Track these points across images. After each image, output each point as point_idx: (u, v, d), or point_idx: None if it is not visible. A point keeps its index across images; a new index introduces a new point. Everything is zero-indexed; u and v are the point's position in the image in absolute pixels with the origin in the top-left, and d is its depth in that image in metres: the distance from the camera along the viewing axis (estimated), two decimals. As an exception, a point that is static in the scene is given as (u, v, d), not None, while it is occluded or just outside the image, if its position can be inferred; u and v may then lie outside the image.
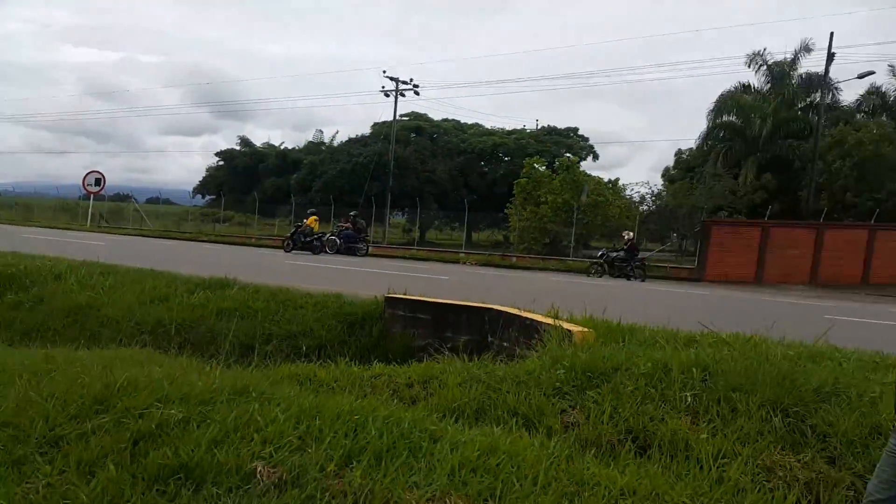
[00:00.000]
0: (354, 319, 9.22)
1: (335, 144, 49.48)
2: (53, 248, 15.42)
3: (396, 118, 38.97)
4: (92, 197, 38.84)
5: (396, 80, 36.61)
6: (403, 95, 37.16)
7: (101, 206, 43.48)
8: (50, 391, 3.69)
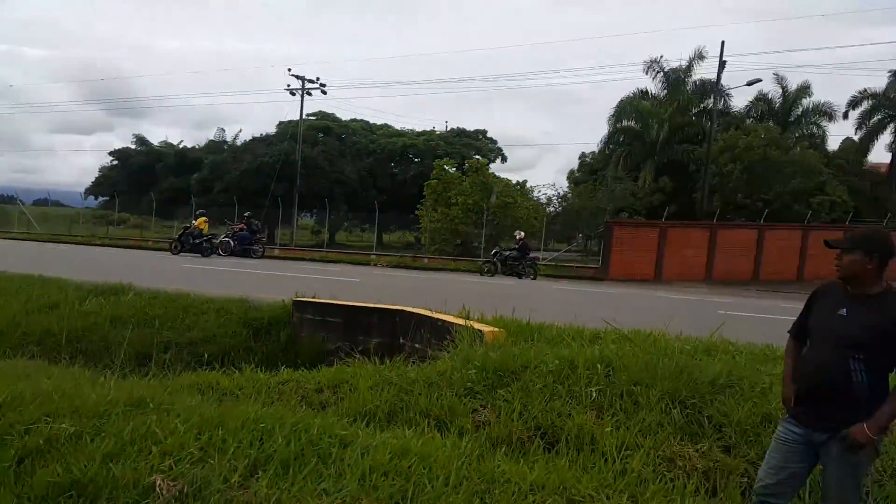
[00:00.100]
0: (260, 325, 9.01)
1: (238, 144, 47.76)
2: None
3: (303, 117, 38.13)
4: (-31, 198, 35.78)
5: (303, 78, 35.80)
6: (310, 94, 36.39)
7: (-21, 208, 40.15)
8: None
